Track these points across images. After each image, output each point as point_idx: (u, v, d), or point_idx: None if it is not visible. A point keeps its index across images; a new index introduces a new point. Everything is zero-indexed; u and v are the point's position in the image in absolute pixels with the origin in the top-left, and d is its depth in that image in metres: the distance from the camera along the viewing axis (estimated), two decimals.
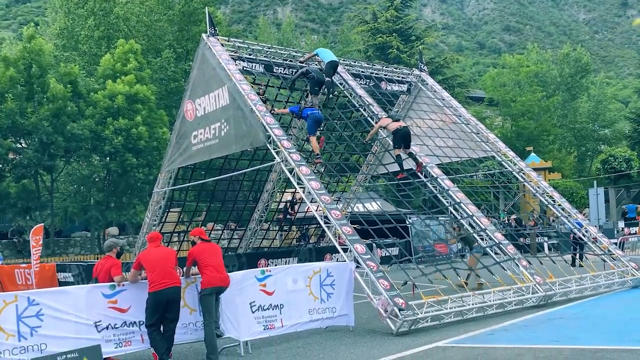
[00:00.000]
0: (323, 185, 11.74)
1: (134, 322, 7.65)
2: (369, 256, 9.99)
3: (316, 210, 11.26)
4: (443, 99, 17.86)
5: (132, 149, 22.82)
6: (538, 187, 15.62)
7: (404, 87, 18.60)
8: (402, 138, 12.80)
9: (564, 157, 43.33)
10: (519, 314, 10.36)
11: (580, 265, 13.98)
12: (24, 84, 22.12)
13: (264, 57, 15.46)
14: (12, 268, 16.04)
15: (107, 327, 7.45)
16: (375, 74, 17.70)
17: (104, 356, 7.37)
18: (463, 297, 10.35)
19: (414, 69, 19.31)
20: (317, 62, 15.35)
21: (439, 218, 19.76)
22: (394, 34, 40.28)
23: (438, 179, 13.97)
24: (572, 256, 15.96)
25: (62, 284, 14.75)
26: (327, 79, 13.77)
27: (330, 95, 15.52)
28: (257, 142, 12.64)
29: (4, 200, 22.94)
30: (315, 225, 22.14)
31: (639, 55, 64.38)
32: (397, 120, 13.05)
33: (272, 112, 13.03)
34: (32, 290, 8.43)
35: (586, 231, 14.56)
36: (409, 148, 13.12)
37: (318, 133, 13.13)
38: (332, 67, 14.26)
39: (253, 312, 8.50)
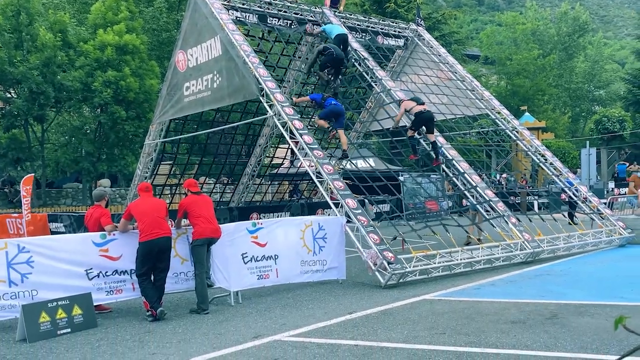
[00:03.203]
0: (316, 140, 11.66)
1: (125, 271, 7.70)
2: (360, 211, 10.04)
3: (309, 166, 11.24)
4: (439, 55, 17.63)
5: (121, 101, 22.53)
6: (530, 146, 15.62)
7: (401, 42, 18.31)
8: (424, 122, 12.48)
9: (558, 117, 43.31)
10: (506, 270, 10.51)
11: (576, 223, 14.11)
12: (12, 32, 21.60)
13: (258, 7, 15.10)
14: (3, 217, 16.05)
15: (98, 275, 7.50)
16: (372, 27, 17.36)
17: (95, 303, 7.47)
18: (452, 253, 10.48)
19: (411, 23, 18.96)
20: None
21: (431, 176, 19.84)
22: None
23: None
24: (569, 214, 16.07)
25: (54, 233, 14.79)
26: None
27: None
28: (250, 94, 12.47)
29: None
30: (308, 181, 22.18)
31: (639, 15, 63.42)
32: (422, 104, 12.68)
33: (291, 102, 12.28)
34: (22, 238, 8.44)
35: (577, 190, 14.66)
36: (432, 133, 12.77)
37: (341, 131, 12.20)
38: (341, 40, 13.35)
39: (245, 263, 8.57)
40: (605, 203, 17.68)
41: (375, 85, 14.70)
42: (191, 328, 6.95)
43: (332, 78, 13.03)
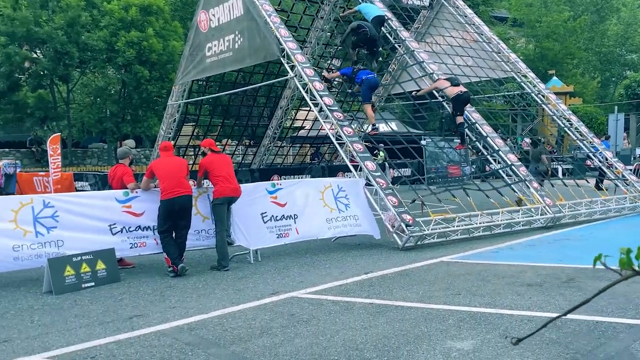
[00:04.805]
0: (336, 103, 11.56)
1: (148, 227, 7.86)
2: (379, 173, 10.03)
3: (329, 129, 11.18)
4: (465, 16, 17.22)
5: (144, 62, 22.61)
6: (556, 111, 15.33)
7: (426, 2, 17.89)
8: (462, 104, 11.97)
9: (587, 82, 42.13)
10: (526, 234, 10.48)
11: (601, 189, 13.94)
12: None
13: None
14: (31, 176, 16.43)
15: (121, 231, 7.68)
16: None
17: (119, 256, 7.69)
18: (471, 216, 10.45)
19: None
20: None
21: (454, 140, 19.63)
22: None
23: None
24: (597, 179, 15.85)
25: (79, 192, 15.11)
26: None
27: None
28: (271, 55, 12.39)
29: (22, 110, 23.18)
30: (329, 144, 22.15)
31: None
32: (457, 85, 11.93)
33: (322, 78, 11.83)
34: (48, 194, 8.66)
35: (602, 156, 14.41)
36: (461, 115, 12.21)
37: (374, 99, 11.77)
38: (379, 22, 12.63)
39: (265, 223, 8.69)
40: (631, 169, 17.36)
41: (399, 46, 14.47)
42: (211, 284, 7.12)
43: (367, 57, 12.42)
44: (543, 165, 14.49)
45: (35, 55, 22.90)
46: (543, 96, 15.49)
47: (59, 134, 17.37)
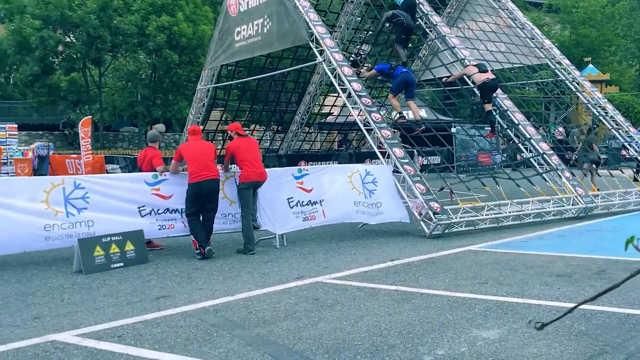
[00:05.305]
0: (365, 89, 11.42)
1: (176, 210, 7.94)
2: (407, 160, 9.93)
3: (357, 115, 11.06)
4: (499, 1, 16.82)
5: (175, 47, 22.77)
6: (591, 99, 14.93)
7: None
8: (488, 91, 11.71)
9: (624, 70, 40.93)
10: (556, 224, 10.28)
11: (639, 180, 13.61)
12: None
13: None
14: (63, 158, 16.76)
15: (150, 213, 7.77)
16: None
17: (148, 238, 7.80)
18: (500, 205, 10.29)
19: None
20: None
21: (485, 128, 19.32)
22: None
23: None
24: (633, 170, 15.45)
25: None
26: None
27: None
28: (300, 39, 12.31)
29: (55, 93, 23.62)
30: (357, 130, 22.03)
31: None
32: (485, 71, 11.68)
33: (359, 75, 11.56)
34: (79, 176, 8.81)
35: (638, 146, 14.01)
36: (490, 103, 11.96)
37: (412, 103, 11.36)
38: (410, 6, 12.12)
39: (291, 207, 8.69)
40: None
41: (430, 31, 14.24)
42: (237, 267, 7.17)
43: (401, 45, 11.99)
44: (594, 154, 14.19)
45: (68, 39, 23.27)
46: (578, 84, 15.09)
47: (90, 117, 17.65)
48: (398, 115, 11.71)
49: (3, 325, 4.96)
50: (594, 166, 14.05)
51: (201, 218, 7.78)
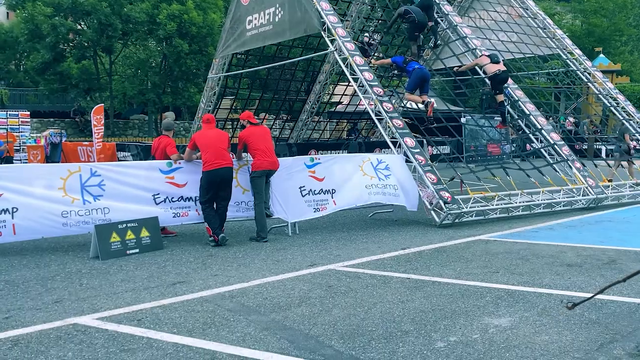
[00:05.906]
0: (376, 78, 11.42)
1: (190, 197, 8.05)
2: (418, 150, 9.98)
3: (368, 104, 11.08)
4: None
5: (184, 35, 22.82)
6: (602, 89, 14.88)
7: None
8: (499, 83, 11.65)
9: (636, 60, 40.59)
10: (567, 215, 10.32)
11: None
12: None
13: None
14: (76, 145, 16.91)
15: (164, 200, 7.89)
16: None
17: (162, 225, 7.92)
18: (511, 195, 10.33)
19: None
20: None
21: (494, 118, 19.28)
22: None
23: None
24: None
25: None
26: (429, 22, 11.71)
27: (434, 44, 13.19)
28: (311, 28, 12.33)
29: (66, 81, 23.76)
30: (367, 120, 22.05)
31: None
32: (497, 62, 11.59)
33: (370, 64, 11.48)
34: (95, 163, 8.93)
35: None
36: (501, 93, 11.88)
37: (426, 97, 11.12)
38: (427, 6, 11.86)
39: (303, 196, 8.78)
40: None
41: (441, 21, 14.20)
42: (251, 254, 7.28)
43: (413, 42, 11.85)
44: (625, 144, 14.14)
45: (79, 27, 23.37)
46: (589, 74, 15.04)
47: (102, 104, 17.78)
48: (423, 106, 11.36)
49: (25, 309, 5.09)
50: (629, 156, 13.99)
51: (215, 206, 7.88)
